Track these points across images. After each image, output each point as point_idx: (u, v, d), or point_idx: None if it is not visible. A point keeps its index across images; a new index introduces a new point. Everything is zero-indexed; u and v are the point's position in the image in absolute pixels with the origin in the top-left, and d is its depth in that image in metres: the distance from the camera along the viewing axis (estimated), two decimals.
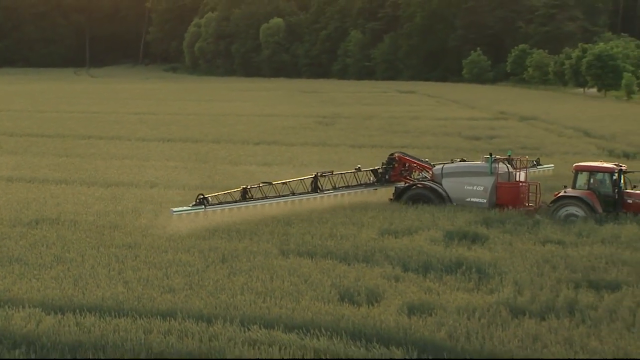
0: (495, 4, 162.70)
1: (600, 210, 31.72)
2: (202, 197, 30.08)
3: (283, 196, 32.46)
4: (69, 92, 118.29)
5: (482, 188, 33.68)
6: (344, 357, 17.69)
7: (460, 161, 36.73)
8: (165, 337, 18.46)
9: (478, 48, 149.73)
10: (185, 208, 29.50)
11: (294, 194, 33.02)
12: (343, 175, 35.55)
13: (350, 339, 18.58)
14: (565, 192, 32.66)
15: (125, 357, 17.77)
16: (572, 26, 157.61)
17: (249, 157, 48.96)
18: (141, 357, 17.88)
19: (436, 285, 22.48)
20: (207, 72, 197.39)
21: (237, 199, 31.38)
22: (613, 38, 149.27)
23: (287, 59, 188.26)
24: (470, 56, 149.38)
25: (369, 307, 20.44)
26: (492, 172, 33.76)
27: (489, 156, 34.48)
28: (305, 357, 17.45)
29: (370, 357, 17.68)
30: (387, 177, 36.44)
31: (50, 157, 49.32)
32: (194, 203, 29.96)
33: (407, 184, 35.46)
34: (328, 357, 17.47)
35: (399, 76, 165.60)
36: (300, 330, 18.88)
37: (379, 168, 36.86)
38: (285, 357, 17.60)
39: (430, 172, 35.37)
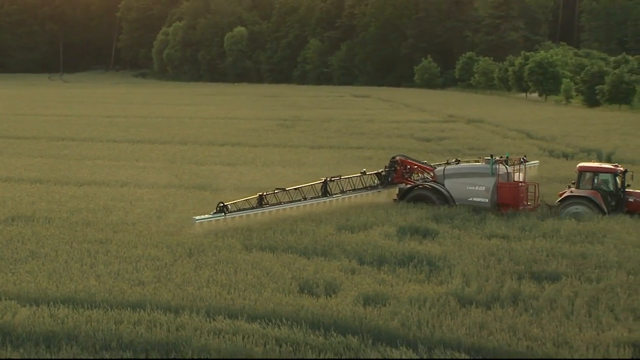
0: (443, 15, 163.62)
1: (606, 209, 31.53)
2: (222, 205, 29.26)
3: (295, 201, 31.77)
4: (44, 97, 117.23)
5: (484, 188, 33.08)
6: (303, 345, 17.67)
7: (455, 162, 36.47)
8: (134, 328, 18.35)
9: (428, 55, 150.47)
10: (206, 216, 28.80)
11: (305, 198, 32.20)
12: (350, 179, 34.62)
13: (309, 328, 18.58)
14: (572, 192, 32.36)
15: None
16: (515, 35, 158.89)
17: (214, 158, 48.75)
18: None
19: (390, 277, 22.51)
20: (175, 78, 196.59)
21: (254, 205, 30.50)
22: (553, 46, 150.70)
23: (250, 66, 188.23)
24: (421, 63, 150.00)
25: (327, 298, 20.44)
26: (493, 173, 33.30)
27: (489, 157, 34.01)
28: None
29: (328, 345, 17.69)
30: (389, 179, 35.62)
31: (26, 157, 48.79)
32: (215, 211, 29.21)
33: (410, 185, 34.77)
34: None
35: (354, 81, 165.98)
36: (263, 320, 18.87)
37: (382, 171, 36.04)
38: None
39: (432, 174, 34.77)
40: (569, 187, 33.28)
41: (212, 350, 17.55)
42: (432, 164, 36.48)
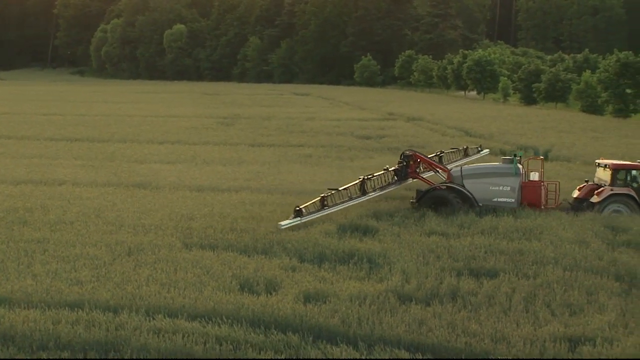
0: (383, 13, 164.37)
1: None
2: (297, 208, 29.27)
3: (353, 199, 31.83)
4: None
5: (509, 188, 32.60)
6: (244, 344, 17.64)
7: (440, 153, 36.37)
8: (73, 327, 18.16)
9: (368, 54, 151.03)
10: (289, 221, 28.69)
11: (351, 198, 31.96)
12: (380, 176, 34.10)
13: (250, 326, 18.54)
14: (612, 190, 32.20)
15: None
16: (454, 34, 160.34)
17: (153, 156, 48.40)
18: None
19: (330, 274, 22.55)
20: (113, 76, 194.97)
21: (319, 206, 30.42)
22: (490, 45, 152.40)
23: (189, 63, 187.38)
24: (361, 61, 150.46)
25: (267, 296, 20.41)
26: (517, 173, 32.99)
27: (513, 157, 33.61)
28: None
29: (269, 343, 17.69)
30: (403, 174, 34.35)
31: None
32: (293, 216, 29.08)
33: (429, 187, 33.69)
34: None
35: (295, 79, 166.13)
36: (203, 319, 18.79)
37: (395, 167, 34.90)
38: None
39: (447, 174, 33.94)
40: (587, 181, 33.64)
41: (151, 349, 17.43)
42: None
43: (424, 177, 34.79)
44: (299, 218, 29.12)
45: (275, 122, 71.39)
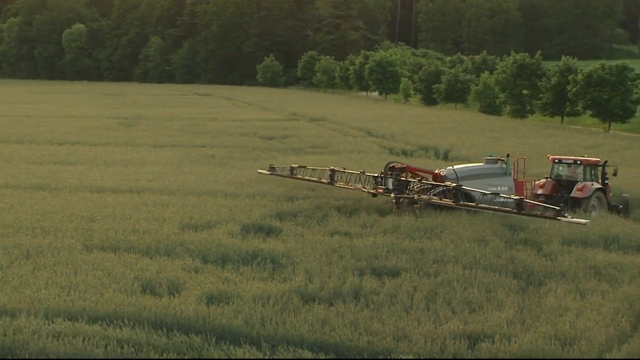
0: (285, 14, 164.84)
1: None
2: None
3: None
4: None
5: (506, 188, 32.59)
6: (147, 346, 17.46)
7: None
8: None
9: (271, 54, 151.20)
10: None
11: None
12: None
13: (152, 328, 18.35)
14: (593, 184, 33.38)
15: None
16: (355, 35, 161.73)
17: (52, 157, 47.47)
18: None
19: (233, 275, 22.44)
20: (10, 75, 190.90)
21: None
22: (392, 46, 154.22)
23: (89, 63, 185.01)
24: (263, 62, 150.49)
25: (169, 297, 20.21)
26: (509, 173, 33.32)
27: (506, 157, 33.96)
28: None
29: (171, 345, 17.55)
30: (407, 192, 32.38)
31: None
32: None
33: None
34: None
35: (197, 80, 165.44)
36: (104, 322, 18.51)
37: (378, 175, 33.34)
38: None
39: (439, 177, 33.12)
40: (547, 178, 34.37)
41: (50, 353, 17.12)
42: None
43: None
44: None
45: (177, 122, 70.86)
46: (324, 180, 35.71)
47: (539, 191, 34.14)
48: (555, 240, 26.55)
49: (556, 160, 35.24)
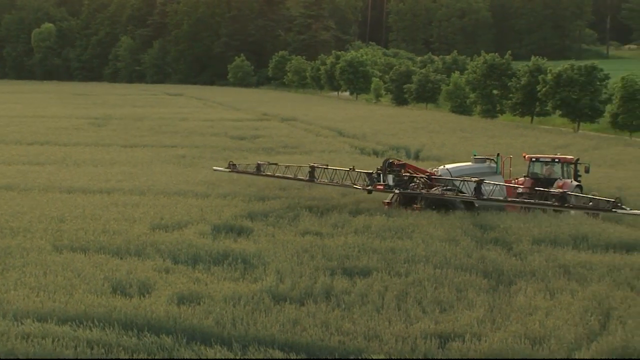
0: (256, 14, 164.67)
1: None
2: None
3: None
4: None
5: (498, 187, 32.76)
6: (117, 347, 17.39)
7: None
8: None
9: (242, 54, 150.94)
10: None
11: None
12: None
13: (122, 329, 18.27)
14: (573, 181, 33.87)
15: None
16: (327, 35, 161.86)
17: (21, 157, 47.17)
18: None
19: (204, 275, 22.41)
20: None
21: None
22: (363, 46, 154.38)
23: (59, 63, 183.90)
24: (234, 61, 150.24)
25: (140, 298, 20.15)
26: (499, 172, 33.78)
27: (496, 157, 34.48)
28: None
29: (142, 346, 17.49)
30: (409, 189, 32.73)
31: None
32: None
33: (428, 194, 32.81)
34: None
35: (167, 80, 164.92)
36: (74, 322, 18.43)
37: (373, 172, 33.80)
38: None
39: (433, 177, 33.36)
40: (526, 177, 34.60)
41: (19, 354, 17.03)
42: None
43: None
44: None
45: (148, 122, 70.61)
46: (302, 178, 35.57)
47: (519, 189, 34.45)
48: (525, 240, 26.71)
49: (533, 159, 35.56)
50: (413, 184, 33.04)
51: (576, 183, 34.16)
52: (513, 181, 35.17)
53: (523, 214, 31.36)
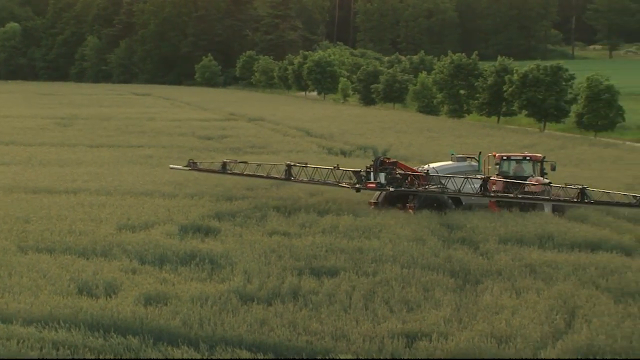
0: (223, 14, 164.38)
1: None
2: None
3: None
4: None
5: (473, 184, 32.86)
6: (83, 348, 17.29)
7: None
8: None
9: (209, 54, 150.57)
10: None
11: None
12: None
13: (88, 330, 18.16)
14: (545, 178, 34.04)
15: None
16: (294, 35, 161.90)
17: None
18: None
19: (171, 276, 22.33)
20: None
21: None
22: (330, 46, 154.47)
23: (24, 63, 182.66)
24: (201, 61, 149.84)
25: (106, 299, 20.05)
26: (481, 170, 34.01)
27: (478, 155, 34.75)
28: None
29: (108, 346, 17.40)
30: (402, 187, 32.77)
31: None
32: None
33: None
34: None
35: (134, 79, 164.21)
36: (39, 324, 18.31)
37: (362, 171, 33.55)
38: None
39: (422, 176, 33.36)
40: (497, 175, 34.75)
41: None
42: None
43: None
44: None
45: (114, 122, 70.27)
46: (277, 176, 35.06)
47: (493, 187, 34.69)
48: (491, 239, 26.85)
49: (504, 157, 35.85)
50: (408, 182, 33.03)
51: (548, 181, 34.47)
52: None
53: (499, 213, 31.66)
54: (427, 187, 32.74)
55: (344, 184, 33.68)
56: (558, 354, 17.22)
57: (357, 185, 33.24)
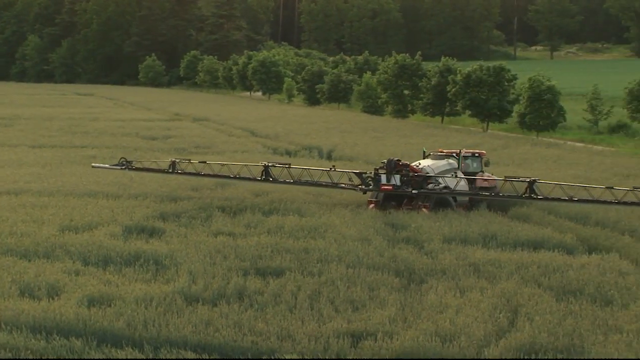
0: (167, 13, 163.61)
1: None
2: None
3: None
4: None
5: (463, 182, 33.46)
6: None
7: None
8: None
9: (153, 54, 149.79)
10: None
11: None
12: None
13: (30, 332, 17.97)
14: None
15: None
16: (239, 35, 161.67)
17: None
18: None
19: (115, 277, 22.16)
20: None
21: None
22: (275, 46, 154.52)
23: None
24: (145, 61, 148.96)
25: (49, 301, 19.83)
26: (460, 168, 34.44)
27: (459, 152, 35.16)
28: None
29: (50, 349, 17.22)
30: (408, 188, 32.77)
31: None
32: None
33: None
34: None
35: (77, 79, 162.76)
36: None
37: (365, 173, 33.69)
38: None
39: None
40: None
41: None
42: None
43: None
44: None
45: (57, 122, 69.48)
46: (252, 177, 34.11)
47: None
48: (436, 239, 27.02)
49: (467, 154, 36.27)
50: (432, 183, 33.17)
51: (497, 177, 35.10)
52: None
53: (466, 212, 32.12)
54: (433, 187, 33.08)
55: (344, 185, 33.77)
56: (501, 352, 17.39)
57: (362, 187, 33.43)
